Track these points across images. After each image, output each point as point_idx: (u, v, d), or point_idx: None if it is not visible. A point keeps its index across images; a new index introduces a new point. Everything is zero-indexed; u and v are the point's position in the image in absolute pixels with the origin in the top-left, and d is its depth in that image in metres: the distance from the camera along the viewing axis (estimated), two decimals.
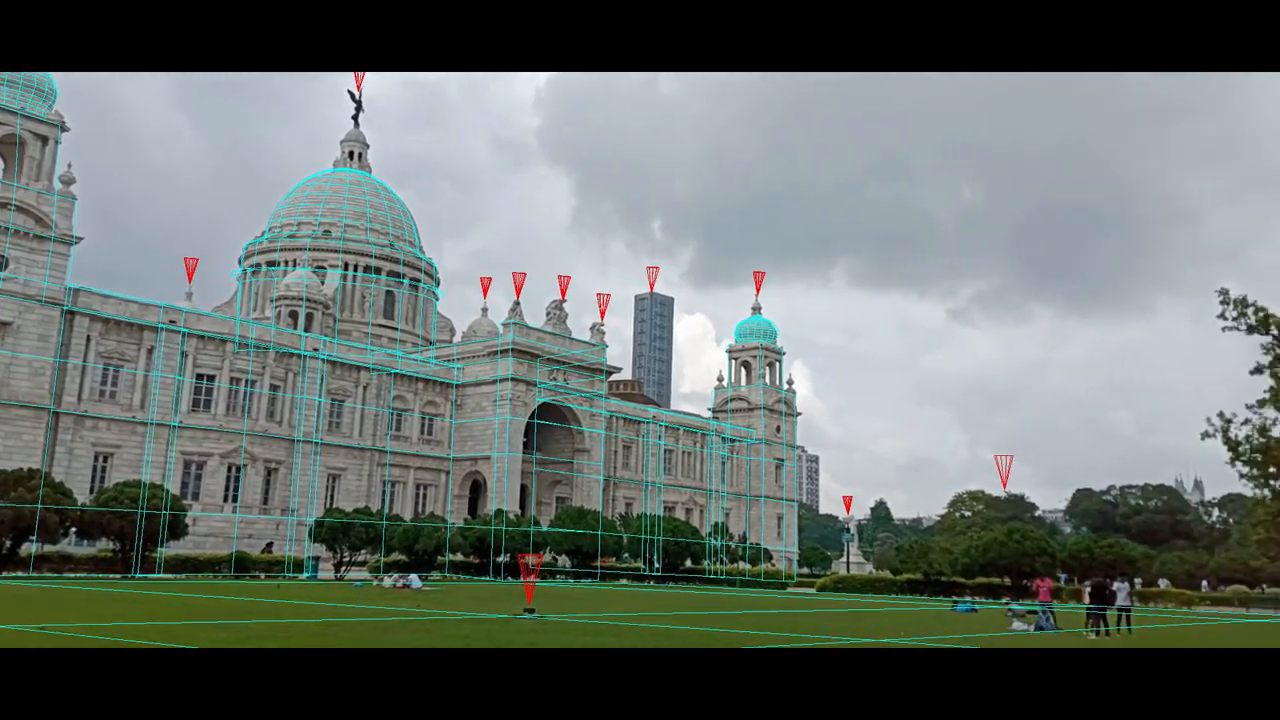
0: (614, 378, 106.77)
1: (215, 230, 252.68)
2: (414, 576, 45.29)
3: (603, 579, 62.58)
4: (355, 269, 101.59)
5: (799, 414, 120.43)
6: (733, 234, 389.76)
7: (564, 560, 66.43)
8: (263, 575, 53.00)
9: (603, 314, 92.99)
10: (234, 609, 27.29)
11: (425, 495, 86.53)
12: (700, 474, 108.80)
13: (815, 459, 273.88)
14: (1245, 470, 60.60)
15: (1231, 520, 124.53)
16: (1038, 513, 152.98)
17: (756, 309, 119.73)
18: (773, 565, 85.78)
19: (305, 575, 53.95)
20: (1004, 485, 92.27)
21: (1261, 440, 58.67)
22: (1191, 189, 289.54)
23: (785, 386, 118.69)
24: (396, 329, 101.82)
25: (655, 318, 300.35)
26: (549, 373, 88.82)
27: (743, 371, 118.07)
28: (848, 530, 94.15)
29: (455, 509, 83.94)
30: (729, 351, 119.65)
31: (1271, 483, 59.44)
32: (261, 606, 28.64)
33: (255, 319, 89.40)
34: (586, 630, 23.41)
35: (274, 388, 76.24)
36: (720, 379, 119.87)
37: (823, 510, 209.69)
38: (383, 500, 79.26)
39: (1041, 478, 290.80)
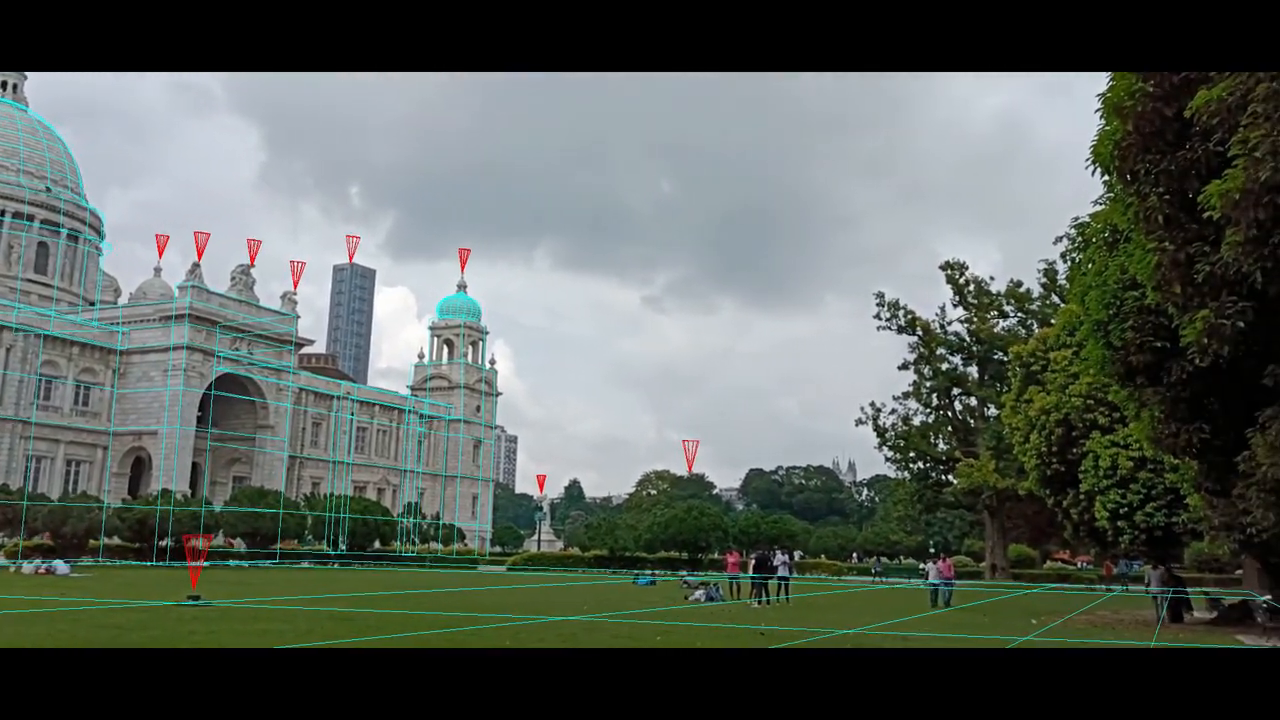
0: (306, 350, 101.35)
1: None
2: (59, 561, 40.53)
3: (283, 562, 59.30)
4: (2, 214, 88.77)
5: (500, 393, 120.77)
6: (436, 207, 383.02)
7: (240, 543, 62.26)
8: None
9: (296, 282, 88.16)
10: None
11: (78, 473, 77.62)
12: (396, 453, 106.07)
13: (514, 439, 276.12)
14: (890, 454, 69.00)
15: (877, 498, 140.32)
16: (715, 491, 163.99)
17: (462, 286, 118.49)
18: (466, 545, 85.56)
19: None
20: (689, 468, 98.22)
21: (904, 428, 67.00)
22: (855, 197, 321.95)
23: (488, 365, 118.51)
24: (51, 285, 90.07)
25: (355, 290, 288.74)
26: (231, 342, 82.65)
27: (445, 349, 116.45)
28: (540, 509, 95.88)
29: (114, 488, 75.85)
30: (431, 328, 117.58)
31: (911, 466, 68.06)
32: None
33: None
34: (257, 616, 22.05)
35: None
36: (421, 355, 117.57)
37: (519, 489, 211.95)
38: (25, 477, 70.17)
39: (720, 458, 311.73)
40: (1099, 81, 12.90)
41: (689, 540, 59.49)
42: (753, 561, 31.89)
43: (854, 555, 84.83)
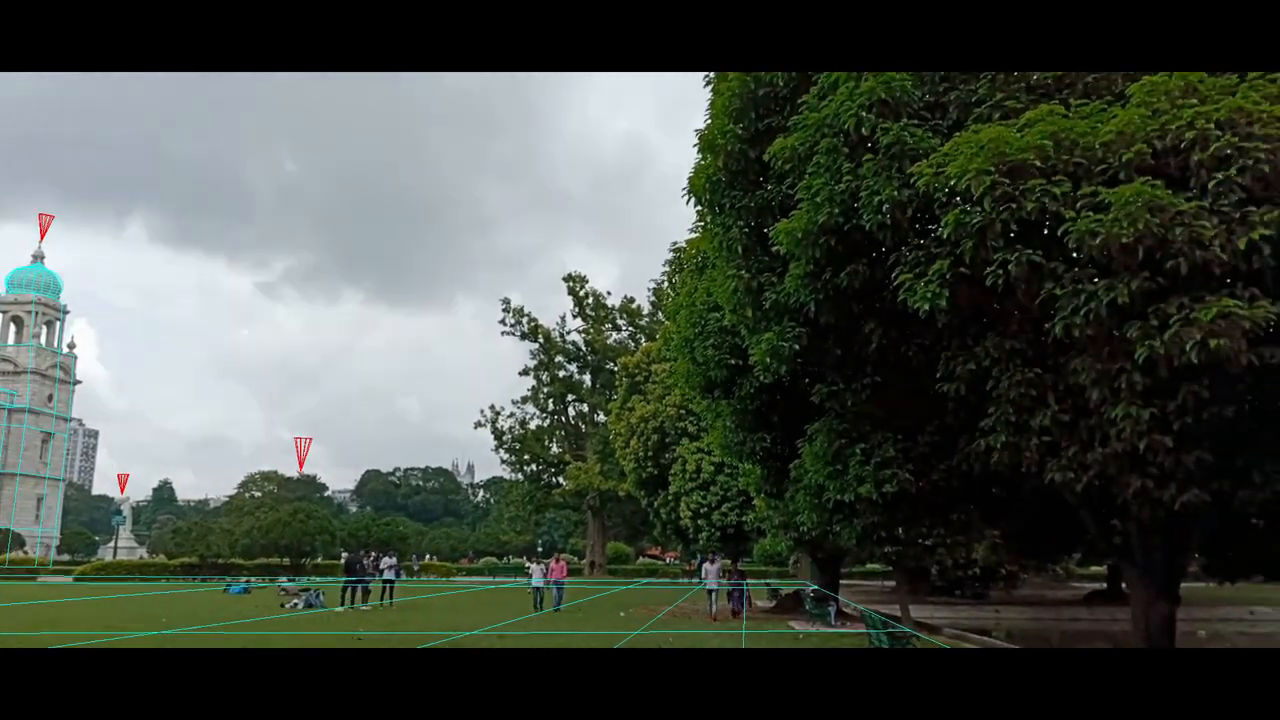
0: None
1: None
2: None
3: None
4: None
5: (79, 381, 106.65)
6: None
7: None
8: None
9: None
10: None
11: None
12: None
13: (94, 433, 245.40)
14: (506, 456, 70.48)
15: (492, 500, 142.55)
16: (328, 493, 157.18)
17: (39, 257, 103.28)
18: (26, 552, 74.72)
19: None
20: (300, 466, 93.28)
21: (521, 432, 68.83)
22: (491, 200, 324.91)
23: (65, 349, 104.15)
24: None
25: None
26: None
27: (12, 327, 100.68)
28: (119, 512, 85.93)
29: None
30: None
31: (525, 468, 70.01)
32: None
33: None
34: None
35: None
36: None
37: (98, 490, 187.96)
38: None
39: (336, 458, 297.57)
40: (701, 119, 14.14)
41: (293, 545, 56.45)
42: (343, 564, 30.80)
43: (464, 557, 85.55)
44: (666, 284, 49.07)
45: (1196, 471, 8.97)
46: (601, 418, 64.05)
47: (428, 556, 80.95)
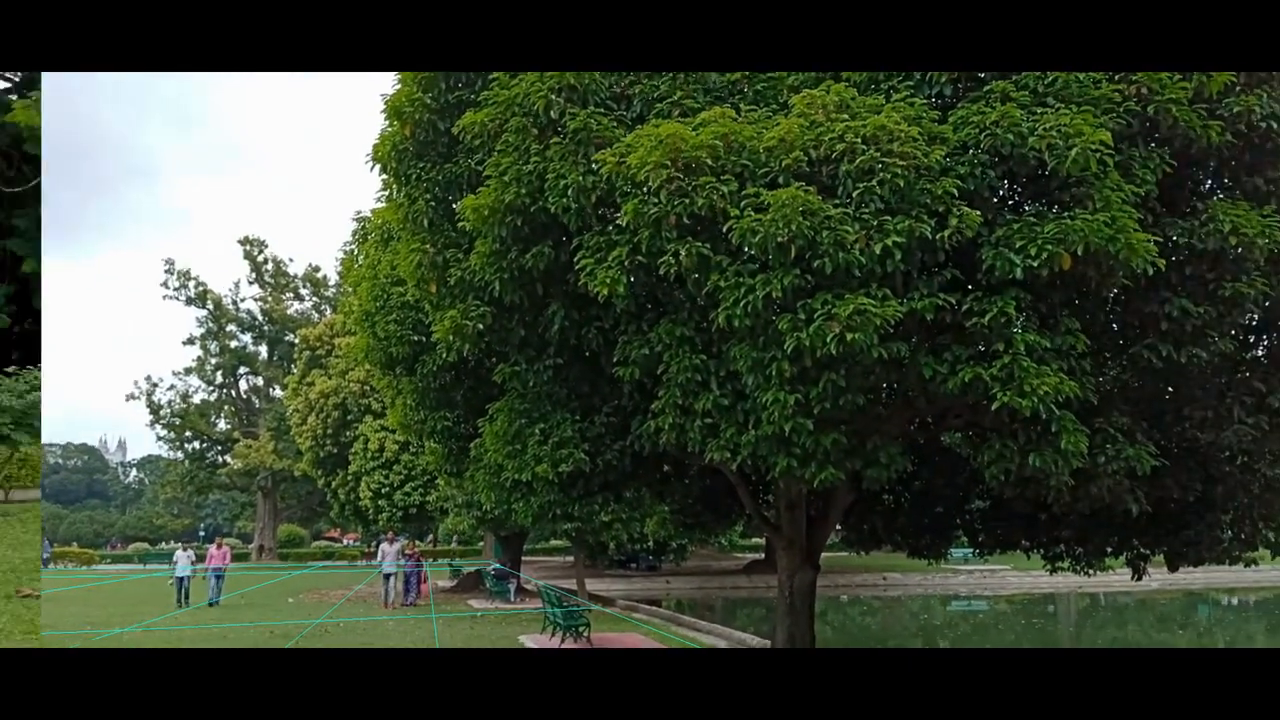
0: None
1: None
2: None
3: None
4: None
5: None
6: None
7: None
8: None
9: None
10: None
11: None
12: None
13: None
14: (164, 433, 64.51)
15: (147, 480, 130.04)
16: None
17: None
18: None
19: None
20: None
21: (183, 406, 63.29)
22: (154, 145, 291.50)
23: None
24: None
25: None
26: None
27: None
28: None
29: None
30: None
31: (186, 445, 64.47)
32: None
33: None
34: None
35: None
36: None
37: None
38: None
39: None
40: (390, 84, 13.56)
41: None
42: None
43: (112, 543, 77.58)
44: (356, 253, 47.14)
45: (833, 452, 9.93)
46: (278, 392, 60.39)
47: (72, 544, 72.55)
